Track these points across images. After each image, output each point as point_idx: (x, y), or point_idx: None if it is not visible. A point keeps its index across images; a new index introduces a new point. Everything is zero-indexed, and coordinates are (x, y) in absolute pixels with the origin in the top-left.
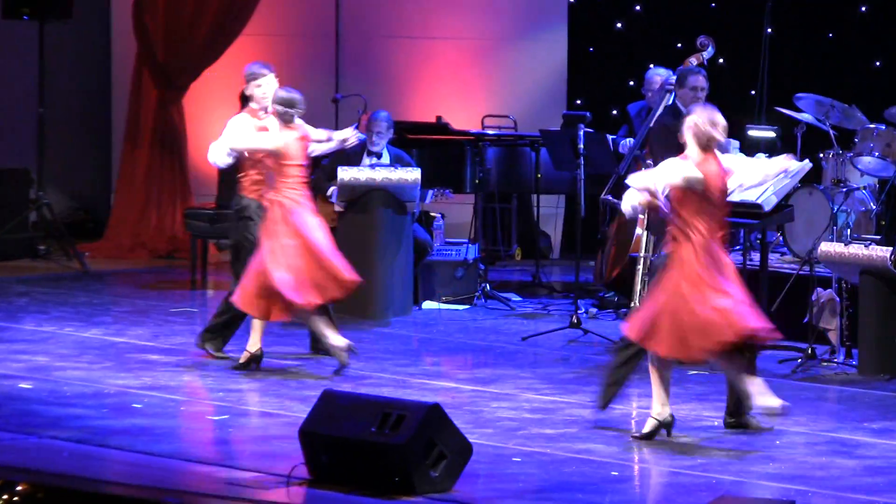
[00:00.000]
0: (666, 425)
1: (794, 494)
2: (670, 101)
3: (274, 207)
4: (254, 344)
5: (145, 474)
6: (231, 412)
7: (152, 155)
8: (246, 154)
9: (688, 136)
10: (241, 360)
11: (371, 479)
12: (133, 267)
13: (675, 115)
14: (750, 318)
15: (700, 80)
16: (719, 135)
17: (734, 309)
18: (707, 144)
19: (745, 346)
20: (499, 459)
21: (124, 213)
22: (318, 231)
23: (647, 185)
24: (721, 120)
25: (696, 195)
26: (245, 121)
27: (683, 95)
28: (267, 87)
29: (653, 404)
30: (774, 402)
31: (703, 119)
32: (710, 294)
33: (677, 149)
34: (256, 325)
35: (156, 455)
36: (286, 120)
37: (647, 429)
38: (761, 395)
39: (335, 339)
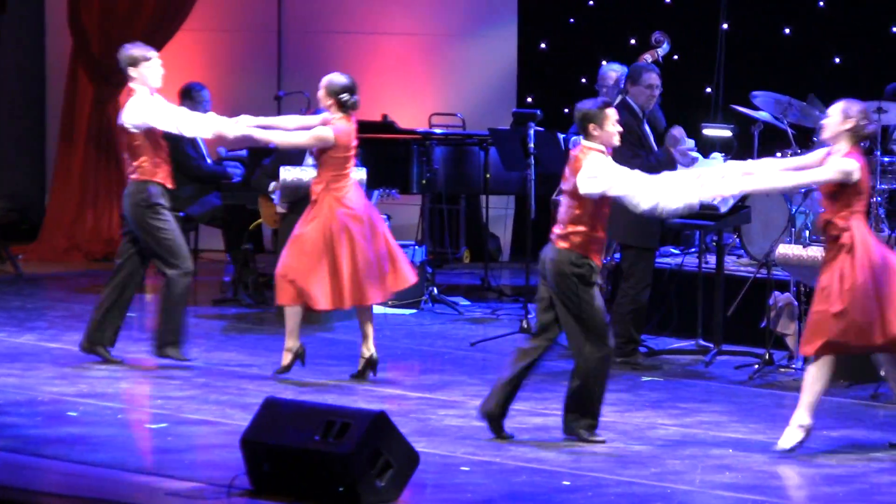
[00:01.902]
0: None
1: None
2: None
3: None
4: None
5: (81, 485)
6: (170, 420)
7: (88, 154)
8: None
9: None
10: (285, 362)
11: (315, 490)
12: (69, 270)
13: (629, 113)
14: None
15: (654, 78)
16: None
17: None
18: (861, 138)
19: None
20: (446, 469)
21: (59, 214)
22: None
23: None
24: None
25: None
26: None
27: (638, 93)
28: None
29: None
30: None
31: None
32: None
33: (630, 146)
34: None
35: (92, 465)
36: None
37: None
38: None
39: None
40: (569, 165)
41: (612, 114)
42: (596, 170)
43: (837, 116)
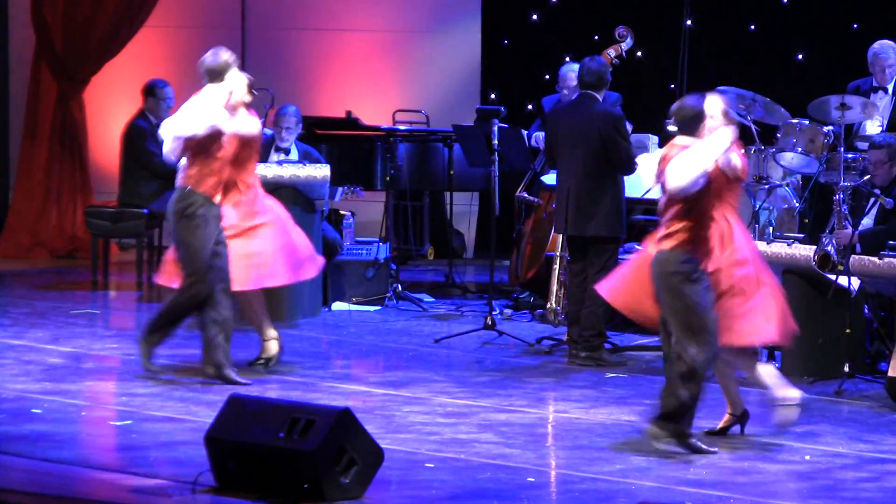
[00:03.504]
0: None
1: (716, 501)
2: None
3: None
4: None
5: (45, 482)
6: (134, 417)
7: (52, 151)
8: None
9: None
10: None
11: (279, 487)
12: (32, 267)
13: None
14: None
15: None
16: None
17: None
18: None
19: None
20: (411, 465)
21: (23, 211)
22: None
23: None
24: None
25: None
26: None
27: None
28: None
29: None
30: (794, 393)
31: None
32: None
33: None
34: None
35: (56, 462)
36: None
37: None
38: (780, 387)
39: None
40: (660, 165)
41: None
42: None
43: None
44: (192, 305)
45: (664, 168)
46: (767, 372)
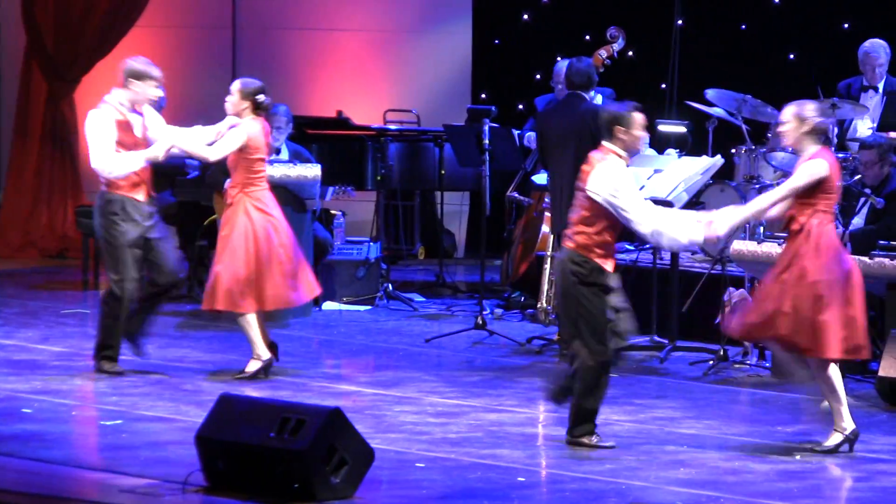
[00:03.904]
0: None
1: (706, 500)
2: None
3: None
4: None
5: (35, 482)
6: (124, 417)
7: (43, 150)
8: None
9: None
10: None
11: (270, 486)
12: (23, 267)
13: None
14: None
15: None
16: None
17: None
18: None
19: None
20: (402, 465)
21: (13, 210)
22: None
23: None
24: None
25: None
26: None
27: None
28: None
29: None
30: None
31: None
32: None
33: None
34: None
35: (46, 462)
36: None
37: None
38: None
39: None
40: (584, 164)
41: (640, 118)
42: (613, 180)
43: (793, 121)
44: (125, 305)
45: (590, 168)
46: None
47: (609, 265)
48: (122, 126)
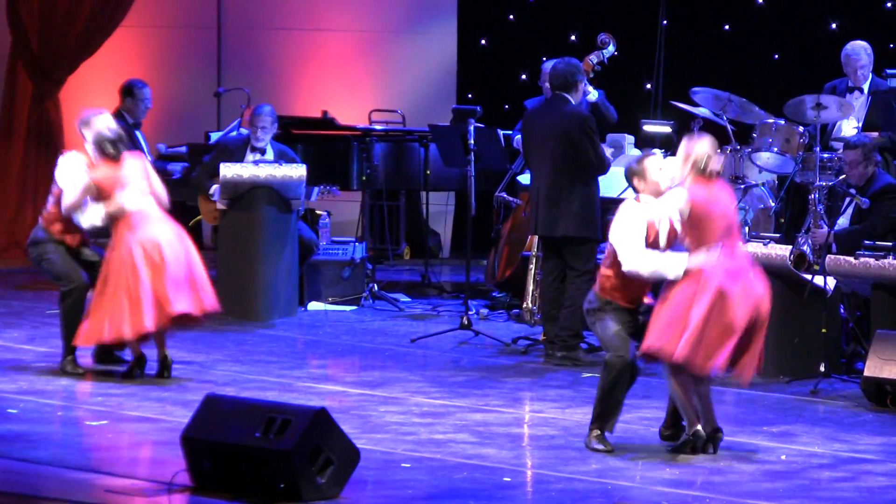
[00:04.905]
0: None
1: (692, 500)
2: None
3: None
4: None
5: (21, 482)
6: (110, 417)
7: (28, 150)
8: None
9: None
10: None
11: (255, 486)
12: (8, 267)
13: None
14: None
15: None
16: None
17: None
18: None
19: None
20: (387, 465)
21: None
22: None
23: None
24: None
25: None
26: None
27: (581, 90)
28: None
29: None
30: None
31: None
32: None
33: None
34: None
35: (32, 462)
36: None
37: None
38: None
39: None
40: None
41: (652, 164)
42: (617, 227)
43: (680, 157)
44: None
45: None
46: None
47: (633, 304)
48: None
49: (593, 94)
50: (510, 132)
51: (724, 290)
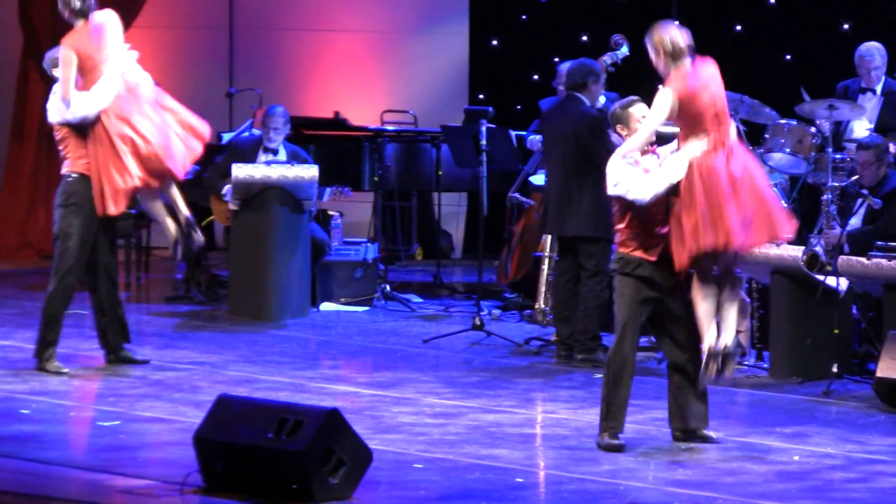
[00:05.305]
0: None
1: (704, 501)
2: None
3: None
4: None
5: (32, 482)
6: (122, 418)
7: (39, 151)
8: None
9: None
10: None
11: (268, 487)
12: (19, 267)
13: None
14: None
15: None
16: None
17: None
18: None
19: None
20: (400, 466)
21: (10, 211)
22: None
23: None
24: None
25: None
26: None
27: (597, 91)
28: None
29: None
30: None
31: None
32: None
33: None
34: None
35: (44, 463)
36: None
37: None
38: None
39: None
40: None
41: (637, 110)
42: (611, 175)
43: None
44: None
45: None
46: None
47: (652, 254)
48: None
49: (601, 100)
50: (522, 132)
51: (725, 174)
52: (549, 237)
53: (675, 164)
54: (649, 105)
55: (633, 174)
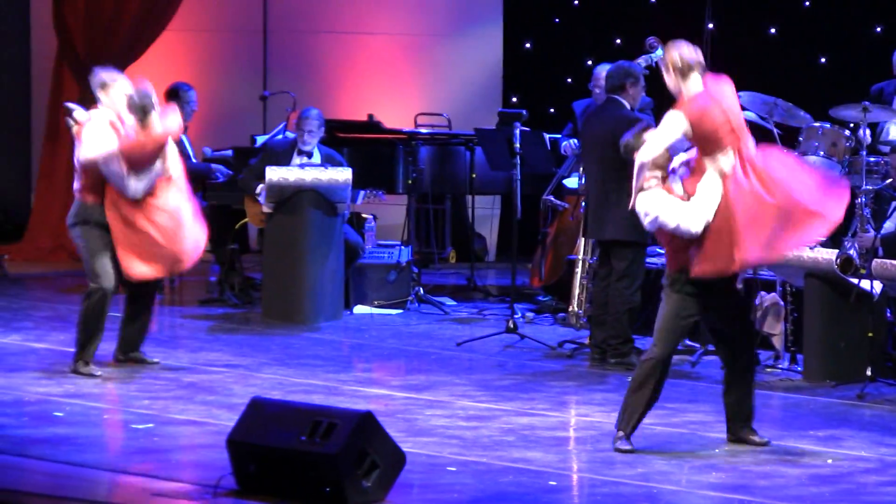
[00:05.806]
0: None
1: None
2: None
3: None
4: None
5: (67, 485)
6: (156, 421)
7: (73, 154)
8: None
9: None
10: None
11: (301, 490)
12: (54, 270)
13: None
14: None
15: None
16: None
17: None
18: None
19: None
20: (433, 469)
21: (44, 214)
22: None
23: None
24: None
25: None
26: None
27: (637, 94)
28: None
29: None
30: None
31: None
32: None
33: None
34: None
35: (78, 465)
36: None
37: None
38: None
39: None
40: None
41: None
42: (654, 209)
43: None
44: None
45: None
46: None
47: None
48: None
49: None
50: (556, 136)
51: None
52: (583, 240)
53: (712, 186)
54: None
55: (673, 206)
